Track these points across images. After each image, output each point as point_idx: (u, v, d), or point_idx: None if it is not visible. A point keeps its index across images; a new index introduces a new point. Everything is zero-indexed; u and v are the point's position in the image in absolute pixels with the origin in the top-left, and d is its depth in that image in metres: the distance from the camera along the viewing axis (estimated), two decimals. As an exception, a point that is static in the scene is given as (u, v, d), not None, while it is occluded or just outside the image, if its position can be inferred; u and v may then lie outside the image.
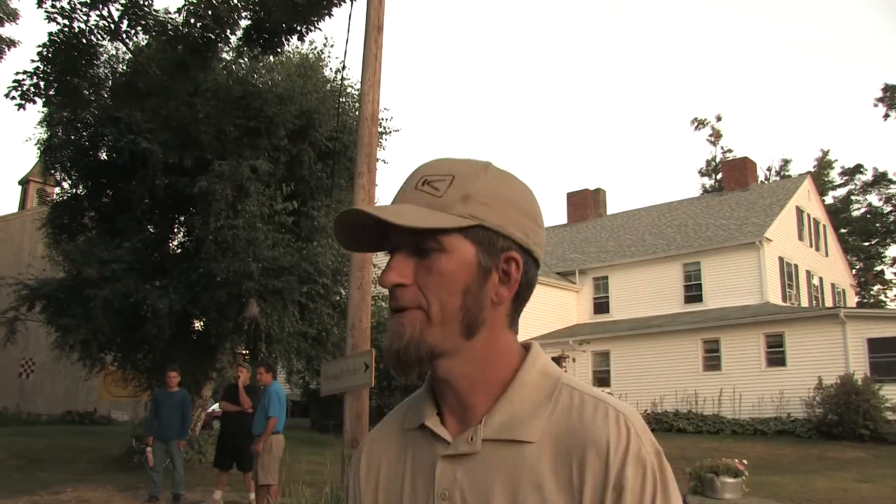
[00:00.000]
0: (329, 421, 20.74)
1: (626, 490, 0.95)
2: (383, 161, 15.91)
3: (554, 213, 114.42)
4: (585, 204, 36.75)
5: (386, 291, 1.09)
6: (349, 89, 14.94)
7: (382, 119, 15.47)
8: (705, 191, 47.74)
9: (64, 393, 26.03)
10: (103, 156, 14.64)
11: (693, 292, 26.95)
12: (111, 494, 11.16)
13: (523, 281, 1.08)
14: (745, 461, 5.24)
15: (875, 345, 20.10)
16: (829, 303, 29.62)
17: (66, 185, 15.47)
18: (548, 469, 1.00)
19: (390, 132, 15.72)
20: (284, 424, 9.83)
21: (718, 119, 54.98)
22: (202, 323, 14.96)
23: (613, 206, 46.30)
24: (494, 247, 1.05)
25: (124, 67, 13.95)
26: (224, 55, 13.82)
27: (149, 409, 11.93)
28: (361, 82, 8.33)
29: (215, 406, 18.84)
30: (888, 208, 45.91)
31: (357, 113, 14.25)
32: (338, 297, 14.61)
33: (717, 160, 48.57)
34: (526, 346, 1.12)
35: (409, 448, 1.13)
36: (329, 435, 19.34)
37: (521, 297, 1.09)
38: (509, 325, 1.09)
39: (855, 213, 46.60)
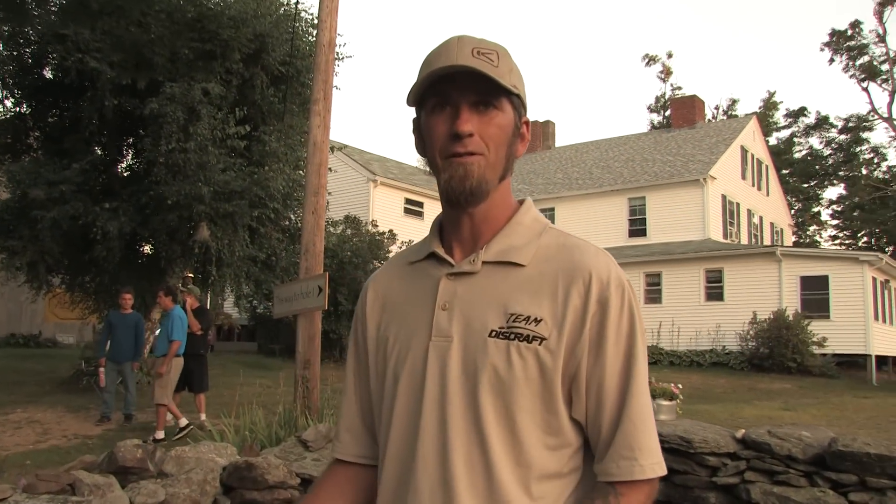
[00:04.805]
0: (275, 345, 20.86)
1: (610, 303, 1.21)
2: (336, 87, 15.81)
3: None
4: (534, 136, 36.99)
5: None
6: (303, 13, 14.73)
7: (337, 45, 15.29)
8: (653, 127, 48.23)
9: (7, 316, 25.74)
10: (49, 74, 14.26)
11: (637, 226, 27.59)
12: (62, 415, 11.24)
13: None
14: (679, 385, 5.58)
15: (807, 282, 21.01)
16: (767, 241, 30.59)
17: (8, 103, 15.06)
18: (538, 283, 1.24)
19: (344, 58, 15.59)
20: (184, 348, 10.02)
21: (669, 56, 55.63)
22: (151, 246, 14.90)
23: (562, 139, 46.54)
24: (520, 112, 1.30)
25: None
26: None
27: (101, 330, 11.98)
28: (319, 9, 8.32)
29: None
30: (828, 151, 46.99)
31: (311, 38, 14.09)
32: (287, 222, 14.65)
33: (667, 97, 49.01)
34: (520, 201, 1.37)
35: (414, 275, 1.36)
36: (276, 359, 19.51)
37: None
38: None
39: (797, 155, 47.62)
